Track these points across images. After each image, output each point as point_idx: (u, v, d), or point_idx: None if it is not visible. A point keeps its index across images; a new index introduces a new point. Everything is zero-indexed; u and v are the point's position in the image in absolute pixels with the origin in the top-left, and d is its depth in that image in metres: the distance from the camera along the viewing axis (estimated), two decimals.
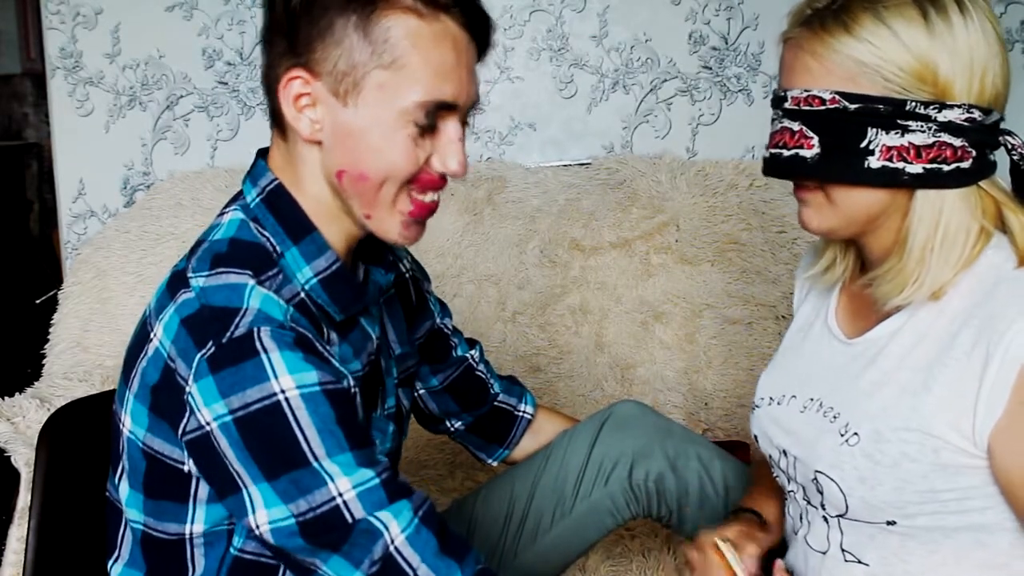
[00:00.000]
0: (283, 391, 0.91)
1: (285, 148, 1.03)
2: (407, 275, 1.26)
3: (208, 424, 0.93)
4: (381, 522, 0.94)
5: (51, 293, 2.29)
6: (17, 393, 1.86)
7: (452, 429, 1.44)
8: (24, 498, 1.63)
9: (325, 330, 1.03)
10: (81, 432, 1.27)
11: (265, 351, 0.91)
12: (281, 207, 1.02)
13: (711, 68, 2.37)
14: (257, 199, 1.03)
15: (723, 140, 2.37)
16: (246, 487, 0.93)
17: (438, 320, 1.36)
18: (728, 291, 2.15)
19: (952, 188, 0.98)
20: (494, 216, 2.22)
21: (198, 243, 1.03)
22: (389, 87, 0.97)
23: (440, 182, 1.03)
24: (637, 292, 2.17)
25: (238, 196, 1.06)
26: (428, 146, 1.00)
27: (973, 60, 0.96)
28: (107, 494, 1.08)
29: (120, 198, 2.40)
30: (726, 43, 2.36)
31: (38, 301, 2.62)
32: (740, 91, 2.38)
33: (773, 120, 1.04)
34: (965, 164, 0.98)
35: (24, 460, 1.64)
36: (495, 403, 1.43)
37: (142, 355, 0.98)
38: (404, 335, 1.23)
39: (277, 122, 1.03)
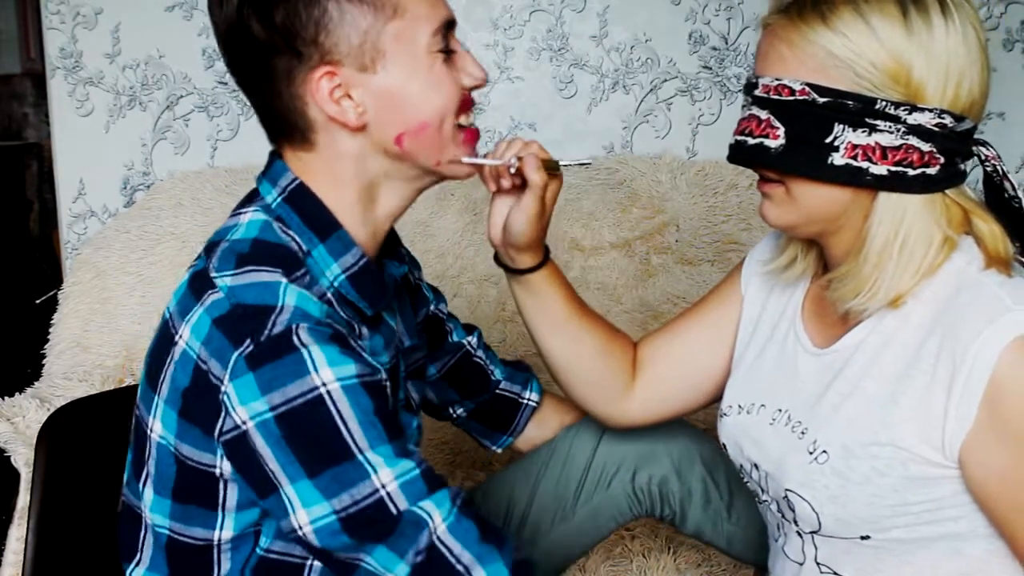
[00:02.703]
0: (324, 384, 0.91)
1: (313, 156, 1.03)
2: (407, 263, 1.26)
3: (245, 423, 0.92)
4: (426, 512, 0.94)
5: (51, 293, 2.28)
6: (17, 393, 1.86)
7: (455, 416, 1.43)
8: (24, 498, 1.63)
9: (356, 326, 1.03)
10: (81, 432, 1.28)
11: (304, 346, 0.91)
12: (305, 206, 1.02)
13: (711, 68, 2.37)
14: (279, 199, 1.03)
15: (723, 140, 2.34)
16: (282, 487, 0.93)
17: (432, 306, 1.36)
18: None
19: (916, 194, 0.96)
20: None
21: (214, 243, 1.01)
22: (405, 33, 0.99)
23: (472, 100, 1.07)
24: (637, 292, 2.17)
25: (254, 197, 1.06)
26: (453, 69, 1.04)
27: (950, 65, 0.94)
28: (124, 498, 1.07)
29: (120, 198, 2.40)
30: (726, 43, 2.36)
31: (38, 301, 2.62)
32: (740, 91, 2.37)
33: (743, 106, 1.02)
34: (931, 170, 0.95)
35: (24, 460, 1.64)
36: (497, 390, 1.42)
37: (168, 359, 0.97)
38: (413, 327, 1.23)
39: (297, 136, 1.02)
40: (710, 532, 1.38)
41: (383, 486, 0.93)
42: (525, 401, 1.44)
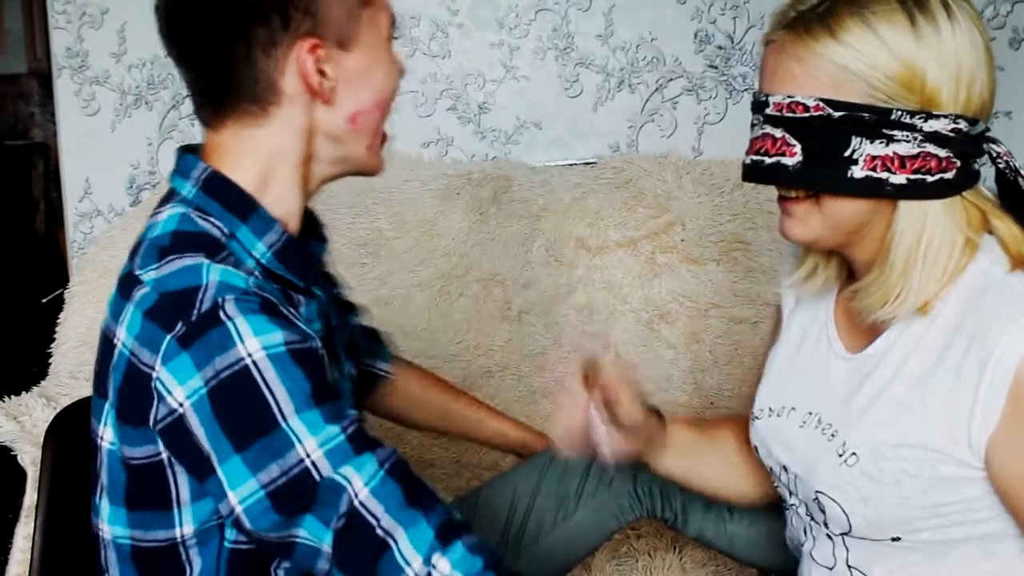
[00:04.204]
0: (250, 354, 0.92)
1: (259, 131, 1.03)
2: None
3: (181, 405, 0.92)
4: (344, 477, 0.93)
5: (57, 292, 2.29)
6: (24, 392, 1.86)
7: None
8: (31, 497, 1.63)
9: (292, 295, 1.04)
10: (87, 431, 1.28)
11: (230, 318, 0.92)
12: (222, 190, 1.03)
13: (717, 67, 2.37)
14: (195, 189, 1.04)
15: (729, 139, 2.37)
16: (215, 469, 0.93)
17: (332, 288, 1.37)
18: (734, 290, 2.14)
19: (935, 199, 0.96)
20: (499, 215, 2.22)
21: (136, 246, 1.03)
22: (374, 20, 1.06)
23: None
24: (643, 291, 2.16)
25: (171, 195, 1.07)
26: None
27: (960, 67, 0.94)
28: (92, 522, 1.07)
29: (126, 197, 2.40)
30: (732, 42, 2.36)
31: (44, 300, 2.62)
32: (746, 90, 2.37)
33: (753, 125, 1.02)
34: (949, 175, 0.96)
35: (31, 459, 1.64)
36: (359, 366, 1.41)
37: (109, 364, 0.98)
38: (335, 307, 1.25)
39: (254, 107, 1.02)
40: (712, 533, 1.38)
41: (308, 455, 0.92)
42: (376, 371, 1.45)
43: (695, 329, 2.14)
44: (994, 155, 1.00)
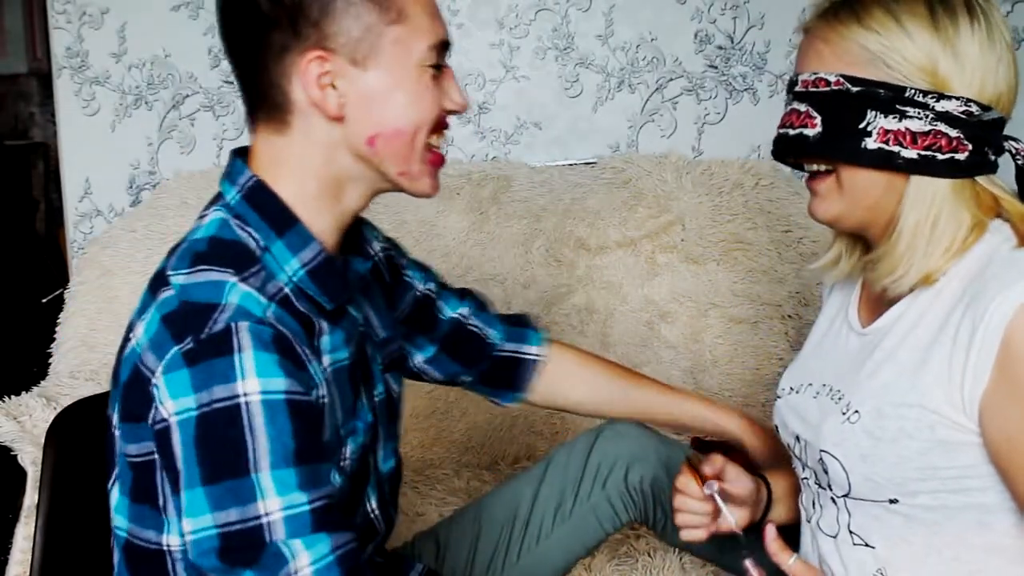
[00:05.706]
0: (246, 394, 0.91)
1: (286, 140, 1.03)
2: (377, 257, 1.26)
3: (169, 418, 0.92)
4: (291, 550, 0.92)
5: (57, 292, 2.29)
6: (24, 392, 1.86)
7: (464, 383, 1.41)
8: (31, 497, 1.63)
9: (315, 321, 1.03)
10: (88, 431, 1.28)
11: (240, 349, 0.92)
12: (262, 202, 1.03)
13: (717, 67, 2.37)
14: (238, 196, 1.04)
15: (729, 139, 2.37)
16: (181, 490, 0.93)
17: (421, 286, 1.34)
18: (734, 290, 2.15)
19: (945, 178, 1.02)
20: (499, 215, 2.22)
21: (177, 245, 1.03)
22: (403, 40, 1.01)
23: (447, 123, 1.08)
24: (643, 291, 2.17)
25: (218, 198, 1.07)
26: (438, 88, 1.05)
27: (974, 62, 1.01)
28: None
29: (126, 197, 2.40)
30: (732, 42, 2.36)
31: (44, 300, 2.62)
32: (746, 90, 2.37)
33: (785, 104, 1.10)
34: (960, 156, 1.01)
35: (31, 459, 1.65)
36: (494, 354, 1.39)
37: (122, 356, 0.99)
38: (387, 319, 1.23)
39: (274, 115, 1.03)
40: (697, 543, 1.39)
41: (267, 513, 0.91)
42: (524, 355, 1.40)
43: (695, 329, 2.14)
44: (1013, 152, 1.05)
